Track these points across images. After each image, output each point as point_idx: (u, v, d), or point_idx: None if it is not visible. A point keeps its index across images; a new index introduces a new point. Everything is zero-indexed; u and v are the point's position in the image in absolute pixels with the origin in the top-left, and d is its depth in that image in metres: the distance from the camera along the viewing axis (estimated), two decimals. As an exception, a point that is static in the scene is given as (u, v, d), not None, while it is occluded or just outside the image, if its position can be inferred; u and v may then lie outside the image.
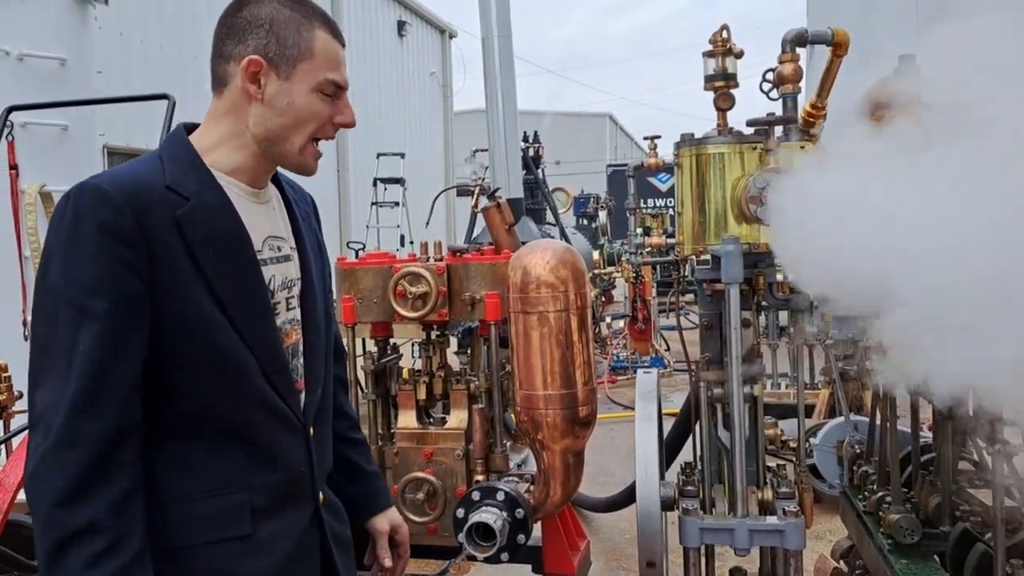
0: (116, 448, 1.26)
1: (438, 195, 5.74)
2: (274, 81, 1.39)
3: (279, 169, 1.56)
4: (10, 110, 4.40)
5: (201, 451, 1.37)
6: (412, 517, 3.18)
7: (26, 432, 2.43)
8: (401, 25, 18.58)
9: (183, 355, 1.34)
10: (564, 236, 9.04)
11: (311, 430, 1.51)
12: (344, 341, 1.95)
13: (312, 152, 1.46)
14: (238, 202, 1.43)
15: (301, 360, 1.54)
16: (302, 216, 1.61)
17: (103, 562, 1.22)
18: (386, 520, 1.78)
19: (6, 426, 3.16)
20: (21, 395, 3.26)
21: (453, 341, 3.52)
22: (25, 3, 4.78)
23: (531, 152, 9.73)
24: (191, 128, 1.48)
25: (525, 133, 9.43)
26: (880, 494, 2.92)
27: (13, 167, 4.65)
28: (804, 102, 2.65)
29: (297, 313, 1.54)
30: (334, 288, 2.09)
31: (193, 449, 1.37)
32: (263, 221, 1.48)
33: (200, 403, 1.37)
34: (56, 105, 4.57)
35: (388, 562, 1.77)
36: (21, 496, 2.20)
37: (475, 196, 9.04)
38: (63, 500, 1.23)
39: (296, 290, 1.54)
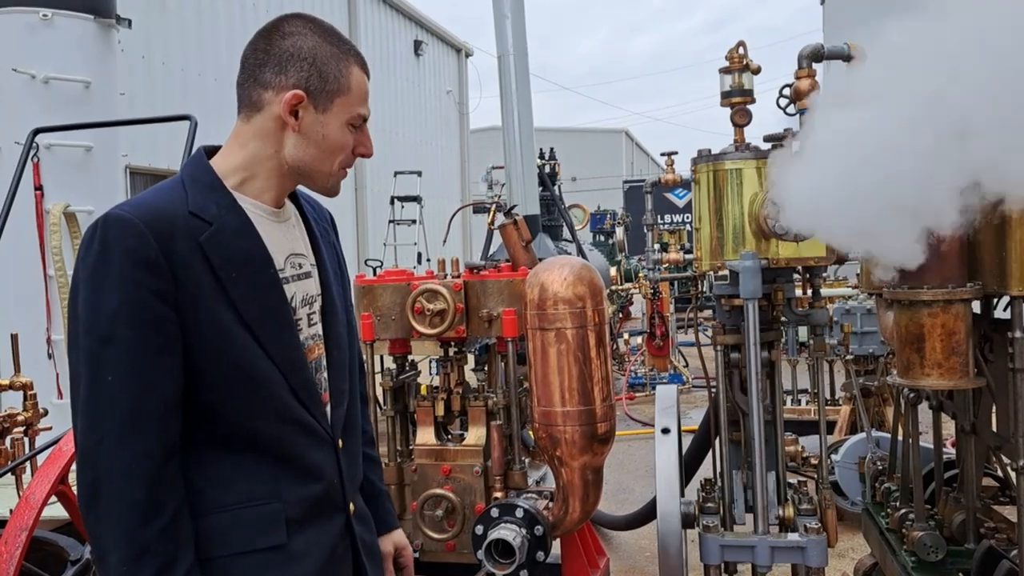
0: (162, 470, 1.31)
1: (455, 213, 5.78)
2: (311, 113, 1.44)
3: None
4: (36, 132, 4.48)
5: (235, 464, 1.41)
6: (431, 534, 3.18)
7: (51, 449, 2.46)
8: (418, 44, 18.75)
9: (212, 375, 1.37)
10: (581, 253, 9.04)
11: (340, 442, 1.54)
12: (363, 358, 1.96)
13: (341, 177, 1.52)
14: (260, 222, 1.46)
15: (325, 374, 1.57)
16: (320, 233, 1.64)
17: None
18: (390, 542, 1.81)
19: (31, 443, 3.19)
20: (46, 412, 3.30)
21: (470, 358, 3.53)
22: (50, 28, 4.87)
23: (547, 169, 9.75)
24: (211, 151, 1.50)
25: (541, 150, 9.45)
26: (903, 511, 2.89)
27: (38, 188, 4.73)
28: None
29: (319, 328, 1.57)
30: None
31: (227, 462, 1.41)
32: (284, 240, 1.52)
33: (231, 419, 1.40)
34: (80, 127, 4.64)
35: None
36: (46, 513, 2.23)
37: (491, 213, 9.06)
38: (126, 534, 1.28)
39: (317, 305, 1.57)
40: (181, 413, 1.35)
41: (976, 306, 2.45)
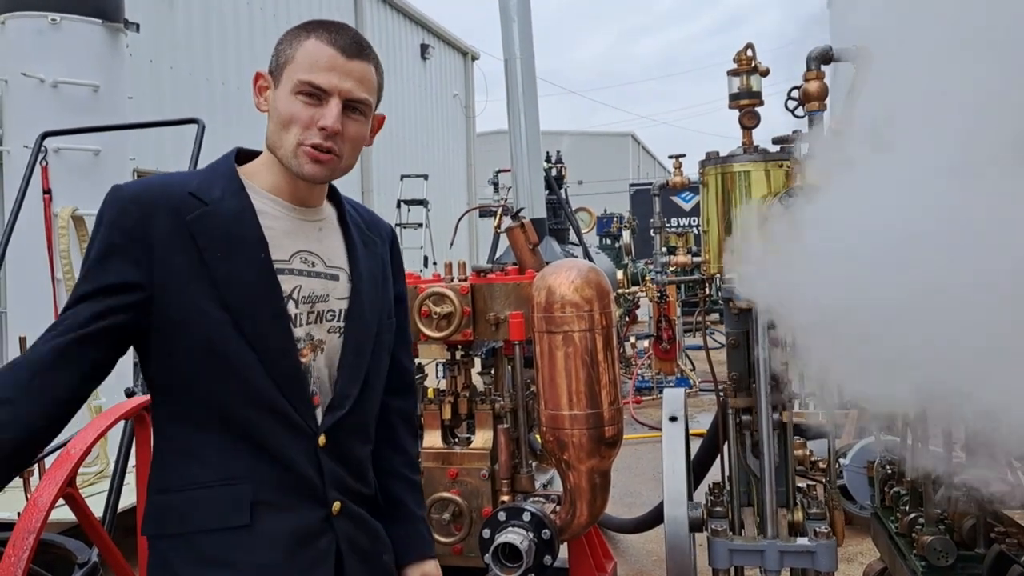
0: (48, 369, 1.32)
1: (462, 216, 5.77)
2: (271, 91, 1.48)
3: (349, 201, 1.64)
4: (44, 136, 4.50)
5: (206, 441, 1.42)
6: (438, 537, 3.17)
7: (58, 451, 2.47)
8: (424, 48, 18.80)
9: (184, 351, 1.39)
10: (588, 256, 9.03)
11: (322, 439, 1.48)
12: (412, 377, 1.87)
13: (306, 155, 1.44)
14: (273, 214, 1.49)
15: (325, 373, 1.53)
16: (364, 242, 1.62)
17: None
18: (419, 572, 1.71)
19: (38, 446, 3.20)
20: (53, 415, 3.30)
21: (477, 361, 3.52)
22: (59, 32, 4.90)
23: (554, 172, 9.76)
24: (249, 154, 1.56)
25: (548, 153, 9.45)
26: (913, 515, 2.87)
27: (47, 191, 4.75)
28: (829, 120, 2.64)
29: (320, 331, 1.52)
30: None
31: (198, 439, 1.42)
32: (299, 236, 1.52)
33: (207, 398, 1.41)
34: (89, 130, 4.66)
35: None
36: (54, 516, 2.23)
37: (498, 216, 9.07)
38: None
39: (328, 307, 1.54)
40: (90, 380, 1.36)
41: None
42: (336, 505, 1.51)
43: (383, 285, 1.65)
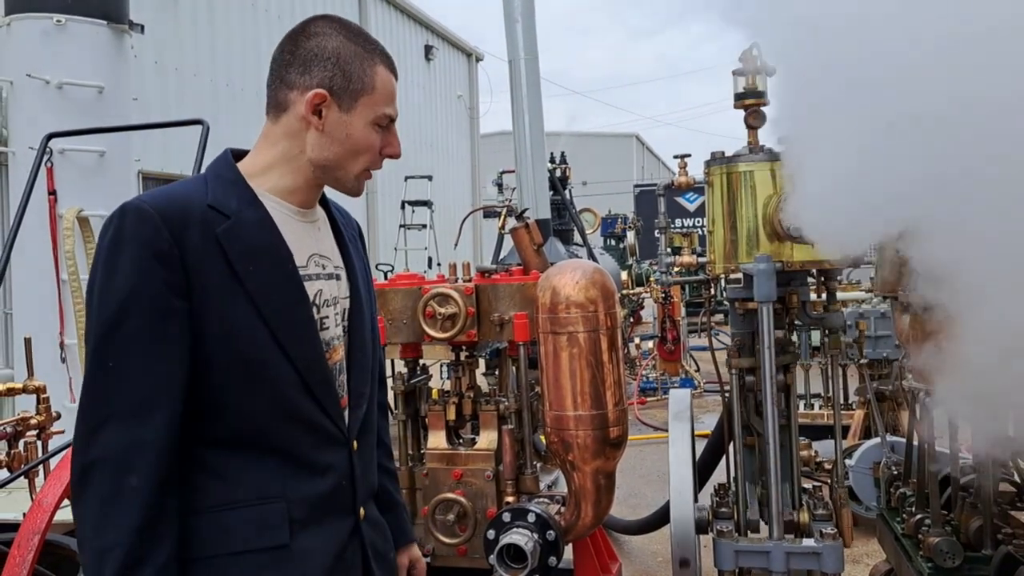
0: (157, 462, 1.28)
1: (466, 217, 5.78)
2: (335, 112, 1.44)
3: (327, 192, 1.62)
4: (49, 137, 4.50)
5: (240, 461, 1.39)
6: (442, 538, 3.17)
7: (64, 452, 2.47)
8: (428, 49, 18.82)
9: (222, 368, 1.35)
10: (592, 257, 9.02)
11: (355, 444, 1.52)
12: (384, 367, 1.94)
13: (366, 178, 1.52)
14: (283, 220, 1.46)
15: (346, 376, 1.55)
16: (349, 239, 1.64)
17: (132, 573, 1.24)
18: (406, 555, 1.79)
19: (44, 446, 3.20)
20: (59, 416, 3.31)
21: (482, 362, 3.52)
22: (64, 34, 4.91)
23: (558, 173, 9.75)
24: (238, 154, 1.51)
25: (552, 154, 9.45)
26: (919, 516, 2.86)
27: (52, 192, 4.75)
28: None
29: (338, 332, 1.55)
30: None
31: (232, 459, 1.39)
32: (308, 239, 1.51)
33: (238, 415, 1.38)
34: (94, 131, 4.66)
35: None
36: (58, 516, 2.23)
37: (502, 217, 9.07)
38: (99, 523, 1.25)
39: (340, 307, 1.56)
40: (183, 406, 1.33)
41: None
42: (362, 512, 1.53)
43: (369, 280, 1.69)
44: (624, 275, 11.50)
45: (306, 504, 1.41)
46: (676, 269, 4.80)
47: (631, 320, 11.23)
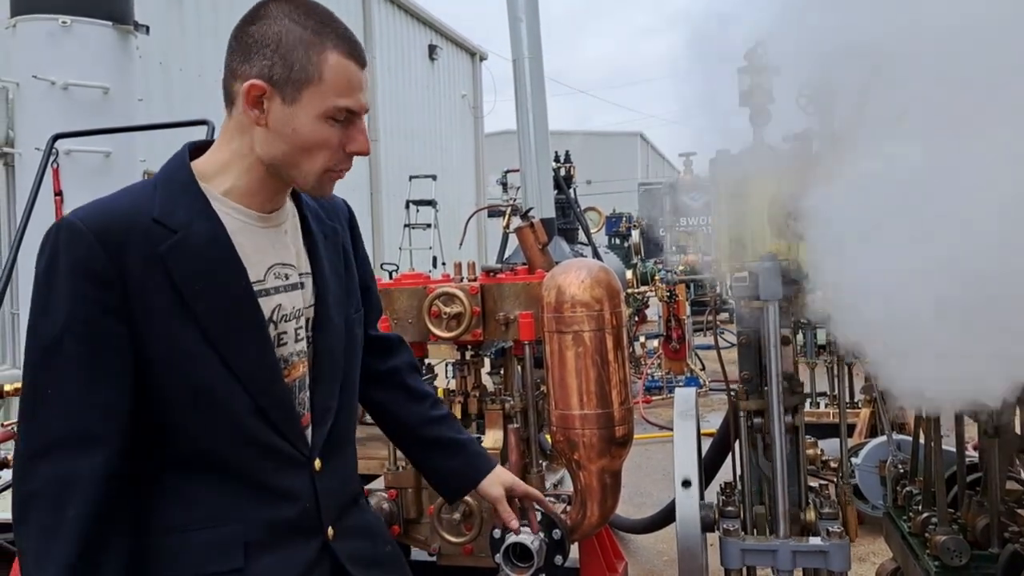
0: (98, 490, 1.22)
1: (471, 216, 5.76)
2: (278, 105, 1.30)
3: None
4: (55, 138, 4.51)
5: (195, 484, 1.33)
6: (448, 537, 3.17)
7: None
8: (432, 49, 18.83)
9: (167, 393, 1.29)
10: (597, 256, 9.02)
11: (317, 463, 1.43)
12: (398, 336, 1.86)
13: (331, 177, 1.37)
14: (240, 229, 1.35)
15: (308, 393, 1.45)
16: (326, 234, 1.52)
17: None
18: (497, 483, 1.73)
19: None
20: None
21: (487, 361, 3.52)
22: (70, 35, 4.92)
23: (562, 172, 9.75)
24: (201, 147, 1.40)
25: (556, 153, 9.45)
26: (925, 515, 2.85)
27: (58, 193, 4.77)
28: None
29: (299, 346, 1.44)
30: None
31: (186, 482, 1.33)
32: (269, 249, 1.39)
33: (188, 439, 1.32)
34: (99, 132, 4.68)
35: (514, 523, 1.73)
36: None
37: (506, 217, 9.06)
38: (50, 558, 1.20)
39: (304, 318, 1.45)
40: (128, 431, 1.26)
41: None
42: (330, 531, 1.45)
43: (347, 278, 1.56)
44: (629, 274, 11.48)
45: (264, 527, 1.35)
46: (681, 267, 4.80)
47: (636, 319, 11.21)
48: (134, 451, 1.28)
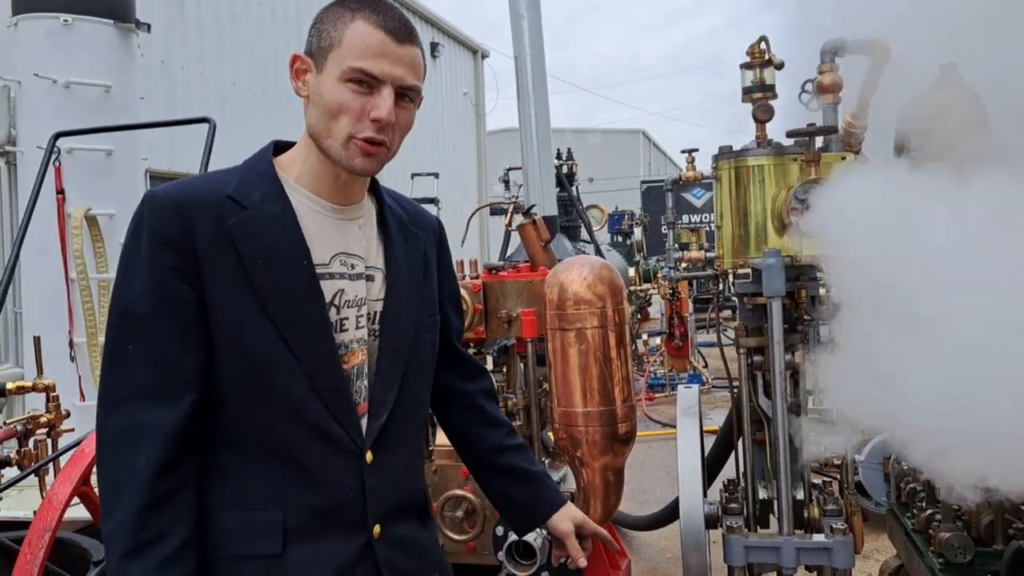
0: (170, 445, 1.28)
1: (473, 213, 5.76)
2: (313, 76, 1.38)
3: (391, 193, 1.57)
4: (57, 136, 4.51)
5: (239, 462, 1.35)
6: (451, 535, 3.17)
7: (74, 450, 2.48)
8: (434, 47, 18.80)
9: (224, 364, 1.32)
10: (599, 253, 9.01)
11: (369, 455, 1.41)
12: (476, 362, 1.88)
13: (358, 148, 1.36)
14: (310, 215, 1.40)
15: (366, 382, 1.46)
16: (405, 236, 1.55)
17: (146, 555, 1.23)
18: (567, 519, 1.72)
19: (54, 445, 3.21)
20: (69, 414, 3.32)
21: (489, 359, 3.52)
22: (71, 33, 4.92)
23: (564, 170, 9.74)
24: (284, 146, 1.48)
25: (558, 151, 9.44)
26: (929, 512, 2.85)
27: (60, 191, 4.77)
28: (844, 112, 2.62)
29: (361, 335, 1.45)
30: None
31: (231, 460, 1.35)
32: (336, 236, 1.43)
33: (240, 413, 1.34)
34: (101, 130, 4.67)
35: (582, 561, 1.71)
36: (69, 514, 2.24)
37: (509, 214, 9.06)
38: (125, 506, 1.25)
39: (368, 309, 1.47)
40: (198, 390, 1.31)
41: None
42: (376, 529, 1.42)
43: (425, 283, 1.57)
44: (631, 271, 11.48)
45: (306, 514, 1.34)
46: (684, 265, 4.79)
47: (639, 316, 11.21)
48: (203, 411, 1.33)
